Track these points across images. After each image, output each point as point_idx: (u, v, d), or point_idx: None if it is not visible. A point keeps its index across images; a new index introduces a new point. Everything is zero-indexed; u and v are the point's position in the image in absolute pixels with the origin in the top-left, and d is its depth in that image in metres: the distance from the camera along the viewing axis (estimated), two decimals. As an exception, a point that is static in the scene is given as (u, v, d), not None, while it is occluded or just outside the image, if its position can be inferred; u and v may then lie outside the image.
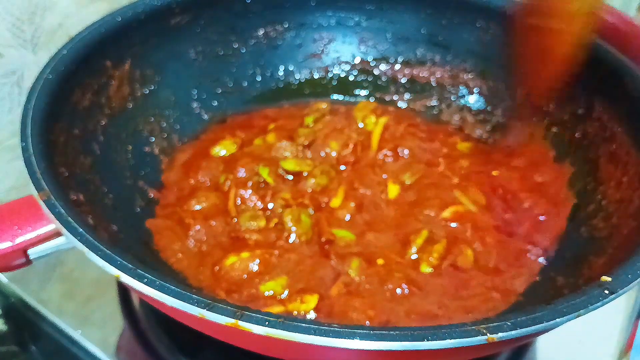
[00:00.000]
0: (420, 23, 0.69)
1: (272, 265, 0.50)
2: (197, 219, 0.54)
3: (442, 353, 0.34)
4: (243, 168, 0.58)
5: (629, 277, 0.37)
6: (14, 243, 0.41)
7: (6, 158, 0.66)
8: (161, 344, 0.50)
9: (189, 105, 0.65)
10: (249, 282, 0.49)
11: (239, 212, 0.55)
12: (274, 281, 0.49)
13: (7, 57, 0.64)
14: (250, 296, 0.48)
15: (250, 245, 0.52)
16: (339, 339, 0.32)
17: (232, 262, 0.50)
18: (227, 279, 0.50)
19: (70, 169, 0.47)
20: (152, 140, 0.60)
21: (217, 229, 0.54)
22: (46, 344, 0.52)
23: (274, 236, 0.53)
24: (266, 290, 0.48)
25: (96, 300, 0.53)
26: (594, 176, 0.54)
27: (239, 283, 0.49)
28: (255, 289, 0.49)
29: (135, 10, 0.58)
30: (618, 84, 0.54)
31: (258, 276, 0.50)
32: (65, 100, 0.50)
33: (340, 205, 0.56)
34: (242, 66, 0.69)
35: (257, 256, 0.50)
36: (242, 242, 0.53)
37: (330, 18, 0.70)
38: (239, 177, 0.57)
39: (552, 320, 0.34)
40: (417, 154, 0.61)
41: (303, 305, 0.47)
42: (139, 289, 0.35)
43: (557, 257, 0.51)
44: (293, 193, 0.56)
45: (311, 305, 0.47)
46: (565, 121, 0.60)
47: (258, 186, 0.57)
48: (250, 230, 0.54)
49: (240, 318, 0.33)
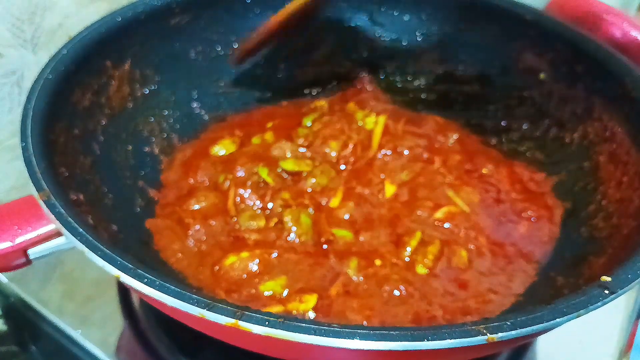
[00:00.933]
0: (420, 24, 0.69)
1: (272, 265, 0.50)
2: (197, 218, 0.54)
3: (442, 353, 0.34)
4: (242, 168, 0.58)
5: (629, 277, 0.37)
6: (14, 243, 0.41)
7: (6, 158, 0.66)
8: (161, 344, 0.50)
9: (189, 105, 0.65)
10: (249, 281, 0.49)
11: (238, 211, 0.55)
12: (273, 281, 0.49)
13: (7, 57, 0.64)
14: (250, 296, 0.48)
15: (249, 245, 0.52)
16: (339, 339, 0.32)
17: (231, 262, 0.50)
18: (227, 279, 0.50)
19: (70, 169, 0.47)
20: (152, 140, 0.60)
21: (217, 229, 0.54)
22: (46, 344, 0.52)
23: (273, 236, 0.53)
24: (266, 290, 0.48)
25: (96, 300, 0.53)
26: (594, 176, 0.54)
27: (238, 283, 0.49)
28: (254, 288, 0.49)
29: (135, 10, 0.58)
30: (618, 84, 0.54)
31: (257, 276, 0.49)
32: (65, 100, 0.50)
33: (339, 205, 0.56)
34: (242, 66, 0.69)
35: (256, 256, 0.50)
36: (242, 242, 0.53)
37: (330, 18, 0.70)
38: (238, 177, 0.57)
39: (552, 320, 0.34)
40: (416, 153, 0.61)
41: (302, 305, 0.47)
42: (139, 289, 0.35)
43: (557, 257, 0.51)
44: (292, 193, 0.56)
45: (310, 304, 0.47)
46: (565, 121, 0.60)
47: (257, 186, 0.57)
48: (249, 230, 0.54)
49: (240, 318, 0.33)
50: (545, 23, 0.62)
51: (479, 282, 0.50)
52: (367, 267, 0.50)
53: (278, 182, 0.57)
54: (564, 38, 0.59)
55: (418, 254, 0.51)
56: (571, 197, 0.55)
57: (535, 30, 0.62)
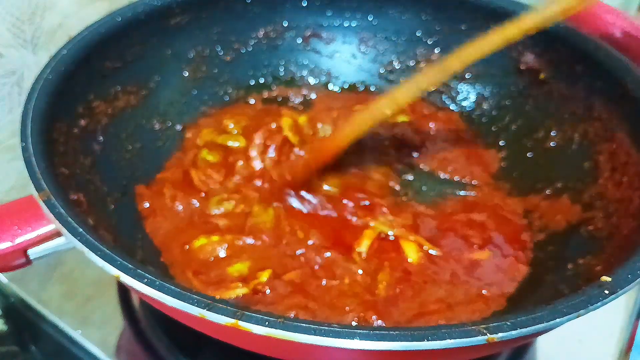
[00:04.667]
0: (420, 24, 0.69)
1: (240, 250, 0.52)
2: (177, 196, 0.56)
3: (442, 353, 0.34)
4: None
5: (629, 277, 0.37)
6: (14, 243, 0.41)
7: (6, 158, 0.66)
8: (161, 344, 0.50)
9: (189, 104, 0.65)
10: (217, 264, 0.51)
11: (208, 194, 0.57)
12: (241, 263, 0.50)
13: (7, 57, 0.64)
14: (218, 277, 0.49)
15: (220, 229, 0.54)
16: (339, 339, 0.32)
17: (201, 245, 0.51)
18: (196, 260, 0.51)
19: (70, 169, 0.47)
20: (152, 139, 0.60)
21: (193, 208, 0.55)
22: (46, 344, 0.52)
23: (240, 221, 0.54)
24: (234, 272, 0.50)
25: (96, 300, 0.53)
26: (594, 176, 0.54)
27: (207, 265, 0.51)
28: (222, 270, 0.50)
29: (135, 10, 0.58)
30: (618, 84, 0.54)
31: (226, 260, 0.51)
32: (65, 100, 0.50)
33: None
34: (242, 66, 0.69)
35: (226, 241, 0.52)
36: (213, 225, 0.54)
37: (330, 18, 0.70)
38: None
39: (552, 320, 0.34)
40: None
41: (256, 280, 0.48)
42: (139, 289, 0.35)
43: (556, 257, 0.51)
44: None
45: (264, 277, 0.48)
46: (565, 121, 0.60)
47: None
48: (218, 215, 0.55)
49: (240, 318, 0.33)
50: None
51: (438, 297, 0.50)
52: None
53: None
54: (564, 38, 0.59)
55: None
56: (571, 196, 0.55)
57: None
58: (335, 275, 0.50)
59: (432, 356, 0.35)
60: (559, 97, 0.61)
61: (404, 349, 0.32)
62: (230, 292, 0.47)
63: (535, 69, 0.63)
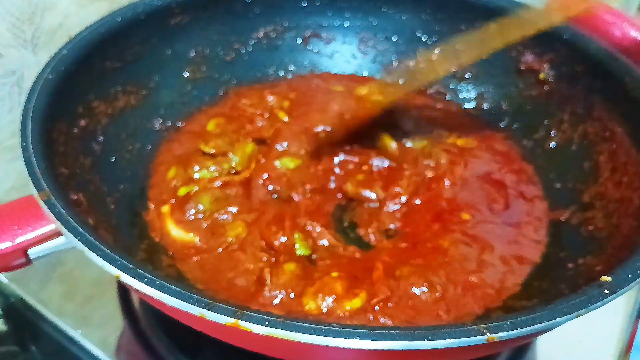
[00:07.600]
0: (420, 24, 0.69)
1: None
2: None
3: (442, 353, 0.33)
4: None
5: (629, 277, 0.37)
6: (14, 243, 0.41)
7: (6, 158, 0.66)
8: (161, 344, 0.50)
9: (189, 104, 0.65)
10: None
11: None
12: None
13: (7, 57, 0.64)
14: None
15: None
16: (339, 339, 0.32)
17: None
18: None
19: (70, 169, 0.47)
20: (152, 139, 0.60)
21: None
22: (46, 344, 0.52)
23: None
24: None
25: (96, 300, 0.53)
26: (594, 176, 0.54)
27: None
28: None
29: (135, 10, 0.58)
30: (618, 84, 0.54)
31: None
32: (65, 100, 0.50)
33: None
34: (242, 66, 0.69)
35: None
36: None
37: (330, 18, 0.70)
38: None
39: (552, 320, 0.34)
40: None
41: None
42: (139, 289, 0.35)
43: (556, 257, 0.51)
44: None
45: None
46: (565, 121, 0.60)
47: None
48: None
49: (240, 318, 0.33)
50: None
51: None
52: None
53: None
54: (564, 38, 0.59)
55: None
56: (571, 197, 0.55)
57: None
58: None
59: (432, 356, 0.35)
60: (559, 97, 0.61)
61: (404, 349, 0.32)
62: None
63: (535, 69, 0.63)
